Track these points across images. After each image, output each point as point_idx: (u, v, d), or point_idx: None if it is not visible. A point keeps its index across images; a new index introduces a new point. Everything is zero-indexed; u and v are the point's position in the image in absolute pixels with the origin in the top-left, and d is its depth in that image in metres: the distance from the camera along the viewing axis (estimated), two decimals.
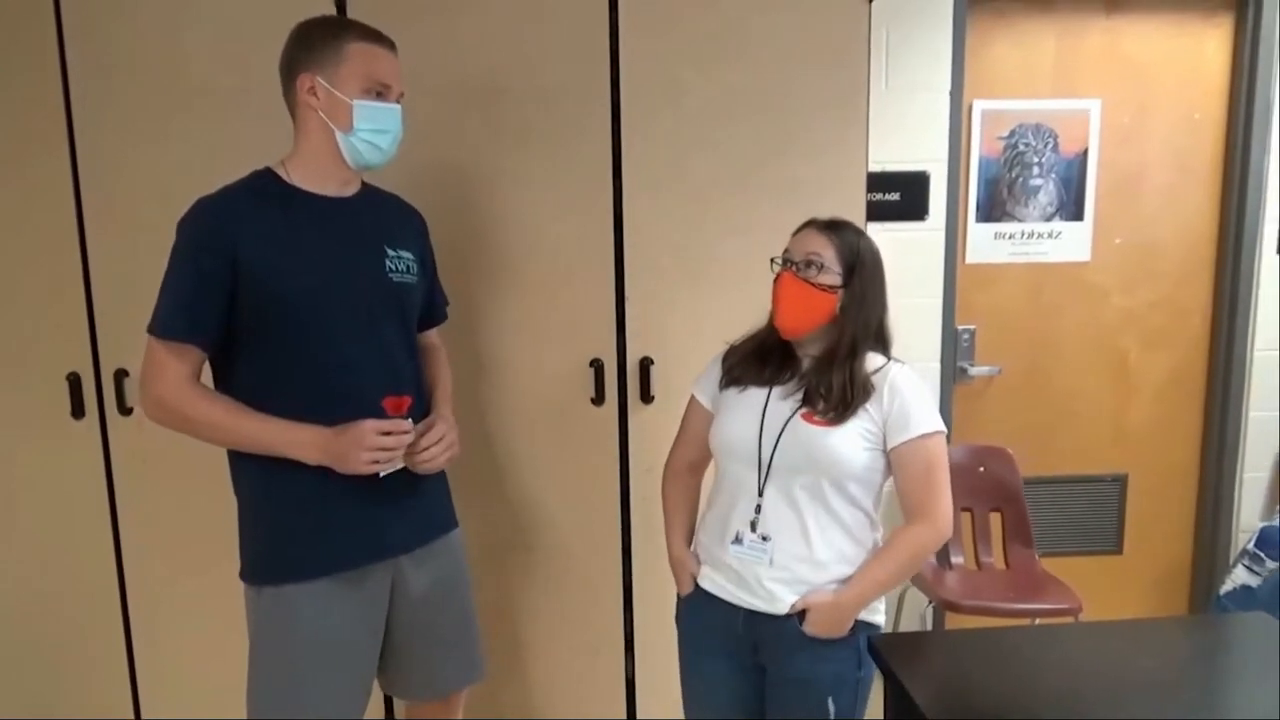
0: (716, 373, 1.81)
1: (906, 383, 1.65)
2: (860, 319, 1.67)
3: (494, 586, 2.33)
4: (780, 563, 1.65)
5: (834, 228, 1.70)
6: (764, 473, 1.67)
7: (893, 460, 1.65)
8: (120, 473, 2.23)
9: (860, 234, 1.72)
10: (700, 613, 1.77)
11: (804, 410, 1.65)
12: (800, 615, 1.63)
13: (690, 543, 1.85)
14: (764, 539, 1.66)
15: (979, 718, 1.40)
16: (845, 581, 1.65)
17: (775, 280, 1.70)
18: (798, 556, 1.64)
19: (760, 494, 1.67)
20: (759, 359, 1.75)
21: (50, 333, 2.18)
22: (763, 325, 1.76)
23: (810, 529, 1.64)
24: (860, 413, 1.63)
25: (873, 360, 1.68)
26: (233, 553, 1.72)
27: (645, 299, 2.26)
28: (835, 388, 1.63)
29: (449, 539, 1.86)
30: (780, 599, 1.65)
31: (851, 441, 1.62)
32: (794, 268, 1.67)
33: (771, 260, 1.72)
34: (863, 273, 1.67)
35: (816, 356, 1.69)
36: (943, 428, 1.65)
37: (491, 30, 2.15)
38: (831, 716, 1.64)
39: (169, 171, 2.10)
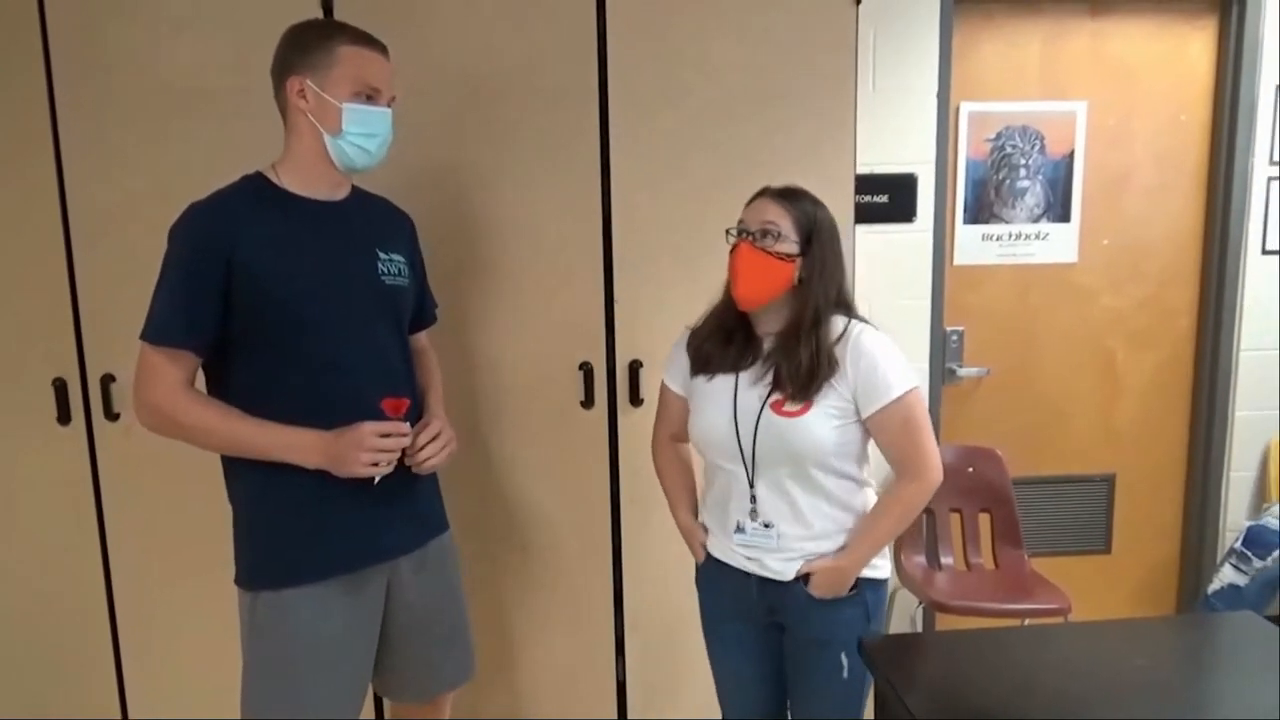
0: (683, 358, 1.81)
1: (872, 345, 1.64)
2: (821, 288, 1.66)
3: (485, 588, 2.32)
4: (783, 546, 1.70)
5: (788, 196, 1.68)
6: (751, 469, 1.69)
7: (871, 427, 1.67)
8: (107, 478, 2.22)
9: (816, 202, 1.70)
10: (716, 579, 1.81)
11: (773, 399, 1.65)
12: (806, 579, 1.69)
13: (695, 512, 1.87)
14: (766, 526, 1.70)
15: (970, 718, 1.40)
16: (843, 544, 1.70)
17: (731, 251, 1.69)
18: (798, 536, 1.70)
19: (752, 486, 1.70)
20: (723, 340, 1.74)
21: (36, 338, 2.16)
22: (720, 301, 1.76)
23: (804, 510, 1.68)
24: (827, 390, 1.63)
25: (835, 325, 1.66)
26: (220, 557, 1.71)
27: (634, 302, 2.26)
28: (803, 363, 1.62)
29: (442, 540, 1.86)
30: (786, 569, 1.70)
31: (823, 424, 1.63)
32: (750, 237, 1.65)
33: (727, 231, 1.71)
34: (820, 240, 1.66)
35: (779, 333, 1.68)
36: (915, 383, 1.65)
37: (479, 34, 2.15)
38: (845, 671, 1.70)
39: (155, 175, 2.09)
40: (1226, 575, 2.98)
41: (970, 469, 2.97)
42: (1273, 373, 3.13)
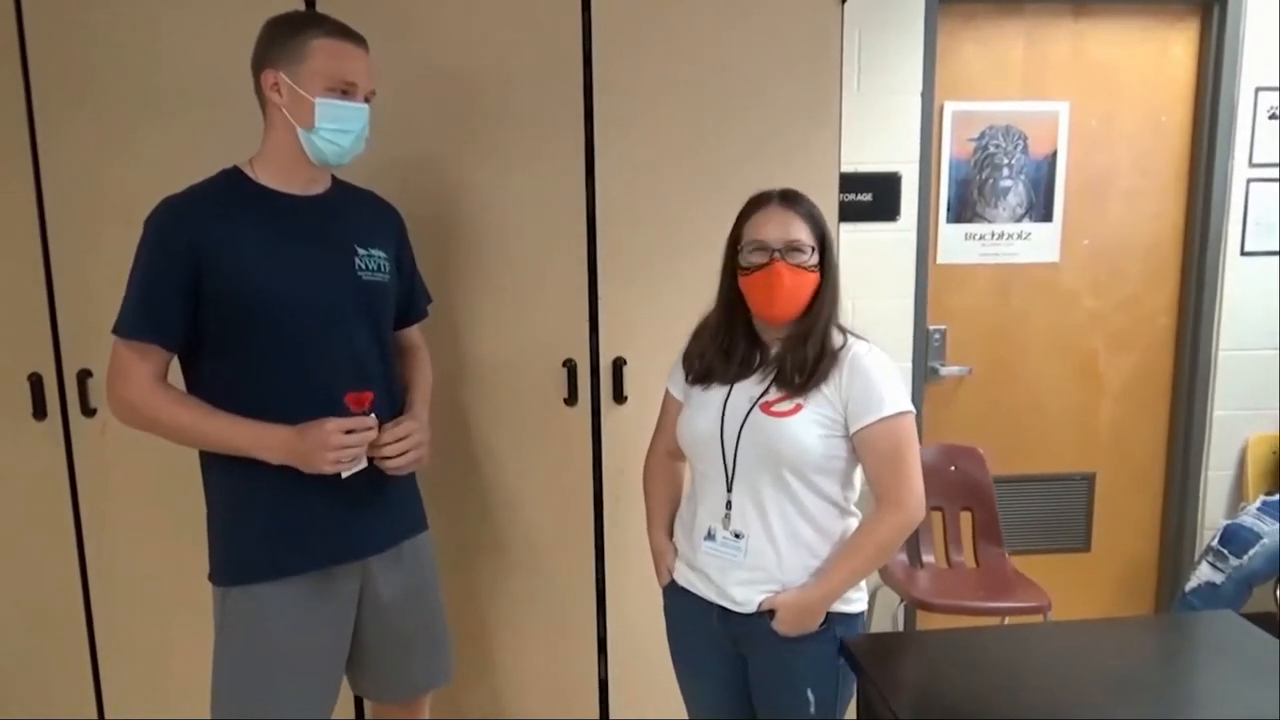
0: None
1: (871, 362, 1.60)
2: (832, 291, 1.64)
3: (466, 587, 2.31)
4: (748, 563, 1.63)
5: (797, 202, 1.64)
6: (730, 470, 1.65)
7: (857, 444, 1.60)
8: (83, 474, 2.19)
9: (813, 202, 1.66)
10: (681, 605, 1.76)
11: (764, 400, 1.61)
12: (770, 613, 1.62)
13: (671, 531, 1.82)
14: (737, 536, 1.64)
15: (950, 716, 1.41)
16: (814, 575, 1.62)
17: (757, 270, 1.61)
18: (764, 555, 1.63)
19: (729, 490, 1.65)
20: (724, 353, 1.69)
21: (11, 332, 2.13)
22: (717, 314, 1.71)
23: (775, 526, 1.62)
24: (817, 396, 1.59)
25: (834, 338, 1.64)
26: (197, 555, 1.70)
27: (619, 299, 2.25)
28: (810, 360, 1.59)
29: (418, 541, 1.85)
30: (748, 601, 1.64)
31: (808, 430, 1.58)
32: (778, 255, 1.59)
33: (739, 247, 1.65)
34: (830, 244, 1.65)
35: (789, 336, 1.64)
36: (910, 407, 1.60)
37: (464, 29, 2.14)
38: (812, 707, 1.64)
39: (133, 167, 2.07)
40: (1204, 573, 3.00)
41: (952, 467, 2.98)
42: (1250, 373, 3.16)
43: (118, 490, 2.20)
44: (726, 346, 1.70)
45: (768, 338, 1.69)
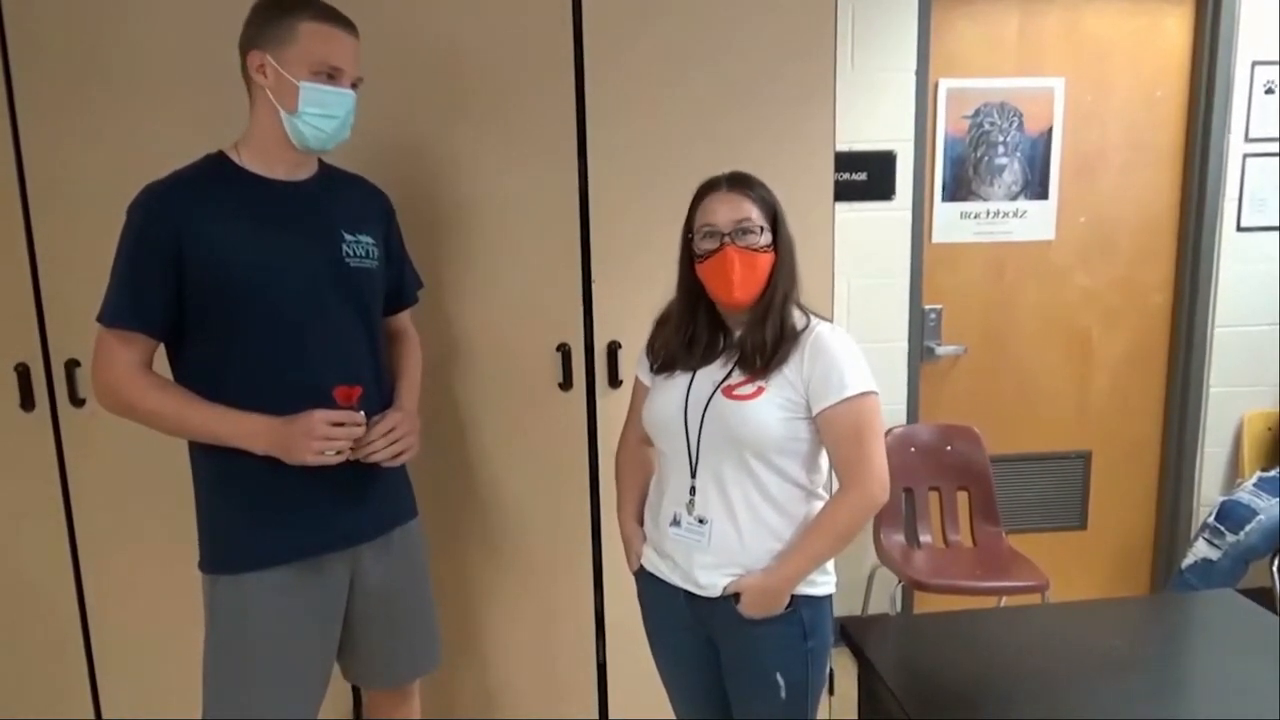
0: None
1: (834, 343, 1.59)
2: (788, 268, 1.63)
3: (461, 574, 2.30)
4: (712, 548, 1.63)
5: (746, 184, 1.64)
6: (694, 455, 1.64)
7: (820, 425, 1.59)
8: (73, 465, 2.17)
9: (764, 184, 1.66)
10: (651, 590, 1.77)
11: (726, 384, 1.61)
12: (736, 596, 1.61)
13: (641, 517, 1.82)
14: (701, 521, 1.63)
15: (950, 698, 1.40)
16: (776, 558, 1.61)
17: (711, 256, 1.61)
18: (728, 539, 1.62)
19: (693, 475, 1.64)
20: (687, 344, 1.69)
21: None
22: (679, 302, 1.70)
23: (739, 510, 1.61)
24: (779, 378, 1.58)
25: (797, 319, 1.63)
26: (189, 543, 1.69)
27: (612, 283, 2.23)
28: (769, 341, 1.59)
29: (408, 528, 1.84)
30: (712, 585, 1.63)
31: (769, 412, 1.57)
32: (728, 239, 1.60)
33: (690, 235, 1.66)
34: (782, 221, 1.64)
35: (749, 320, 1.63)
36: (873, 388, 1.58)
37: (456, 16, 2.11)
38: (782, 690, 1.63)
39: (117, 156, 2.03)
40: (1200, 549, 3.01)
41: (948, 447, 2.97)
42: (1246, 349, 3.16)
43: (109, 480, 2.18)
44: (690, 336, 1.69)
45: (731, 322, 1.68)
